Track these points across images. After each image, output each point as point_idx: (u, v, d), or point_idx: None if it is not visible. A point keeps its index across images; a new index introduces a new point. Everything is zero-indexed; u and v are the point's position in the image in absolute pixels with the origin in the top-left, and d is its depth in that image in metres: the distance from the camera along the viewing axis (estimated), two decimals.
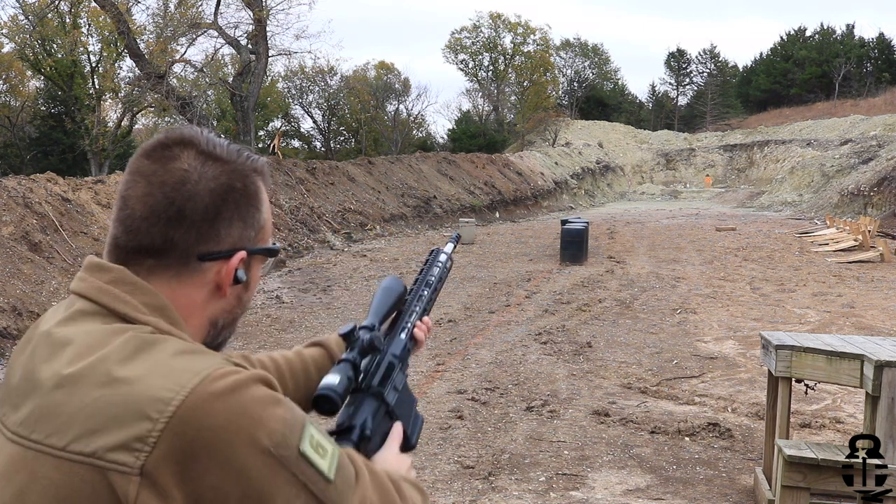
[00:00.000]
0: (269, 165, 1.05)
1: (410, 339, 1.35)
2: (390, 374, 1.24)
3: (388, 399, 1.20)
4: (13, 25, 31.04)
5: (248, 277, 1.02)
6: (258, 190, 1.01)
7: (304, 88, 54.15)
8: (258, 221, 1.01)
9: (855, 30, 69.51)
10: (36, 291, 9.62)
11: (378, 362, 1.24)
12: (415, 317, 1.38)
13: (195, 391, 0.82)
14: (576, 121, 61.50)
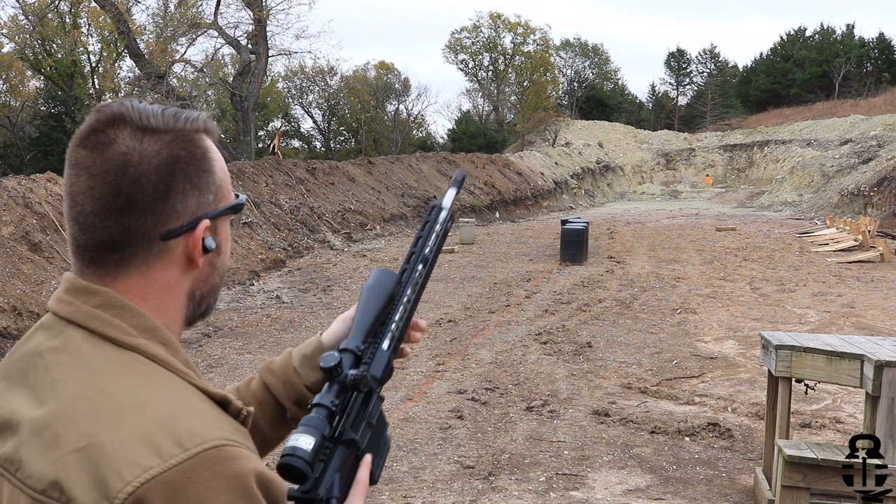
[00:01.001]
0: (210, 120, 0.97)
1: (395, 351, 1.19)
2: (367, 406, 1.12)
3: (361, 443, 1.09)
4: (13, 25, 31.03)
5: (218, 241, 0.96)
6: (205, 151, 0.94)
7: (304, 88, 54.19)
8: (213, 183, 0.94)
9: (855, 30, 69.56)
10: (36, 291, 9.62)
11: (356, 396, 1.11)
12: (402, 320, 1.22)
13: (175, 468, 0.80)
14: (576, 121, 61.49)
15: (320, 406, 1.04)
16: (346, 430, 1.07)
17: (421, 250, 1.32)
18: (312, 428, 1.01)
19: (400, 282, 1.24)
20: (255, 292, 12.38)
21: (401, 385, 7.03)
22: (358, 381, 1.07)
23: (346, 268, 15.34)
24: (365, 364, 1.15)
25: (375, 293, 1.20)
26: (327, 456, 1.04)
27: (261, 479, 0.83)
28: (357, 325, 1.17)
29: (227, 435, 0.84)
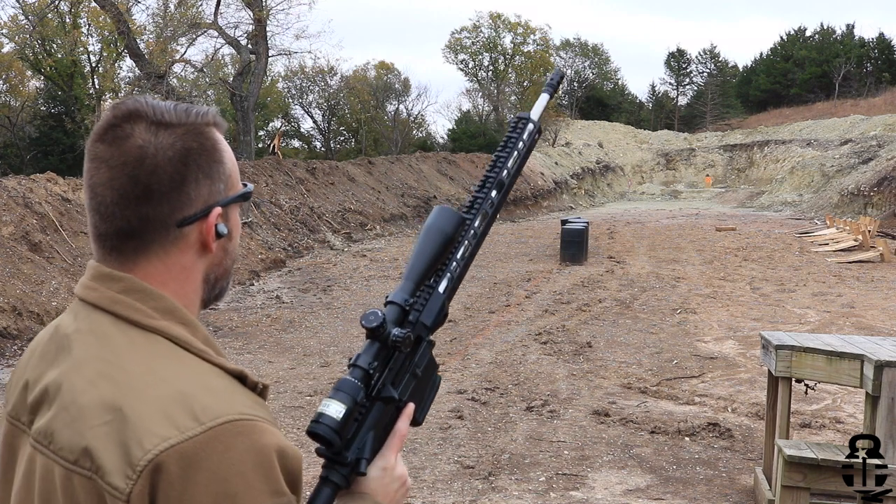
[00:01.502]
0: (219, 115, 1.04)
1: (452, 292, 1.18)
2: (413, 357, 1.10)
3: (402, 397, 1.09)
4: (13, 25, 31.02)
5: (229, 227, 1.02)
6: (215, 142, 1.01)
7: (304, 88, 54.14)
8: (223, 173, 1.01)
9: (855, 30, 69.52)
10: (36, 291, 9.62)
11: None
12: (464, 258, 1.19)
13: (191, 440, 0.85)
14: (576, 121, 61.49)
15: (356, 367, 1.04)
16: (385, 387, 1.06)
17: (498, 174, 1.22)
18: (344, 394, 1.01)
19: (462, 223, 1.16)
20: (255, 292, 12.38)
21: None
22: (400, 342, 1.05)
23: (346, 268, 15.33)
24: (416, 311, 1.12)
25: (431, 237, 1.14)
26: (362, 415, 1.04)
27: (280, 454, 0.88)
28: (408, 273, 1.13)
29: (242, 409, 0.89)
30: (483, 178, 1.21)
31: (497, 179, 1.22)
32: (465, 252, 1.18)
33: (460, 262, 1.18)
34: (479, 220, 1.20)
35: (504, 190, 1.22)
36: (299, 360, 8.07)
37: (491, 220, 1.22)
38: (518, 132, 1.25)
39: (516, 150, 1.24)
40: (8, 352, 8.41)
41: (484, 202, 1.20)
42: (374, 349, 1.04)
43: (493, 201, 1.21)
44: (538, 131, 1.28)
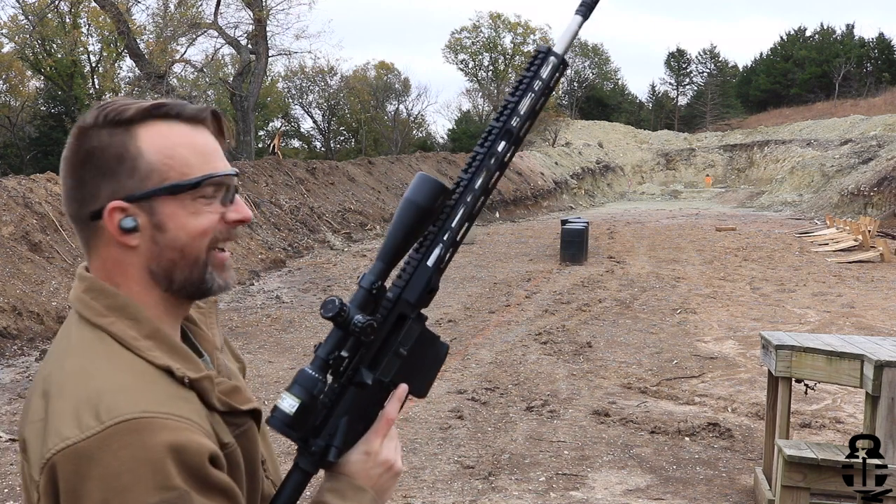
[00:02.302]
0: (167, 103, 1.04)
1: (442, 265, 1.08)
2: (395, 336, 1.06)
3: (380, 379, 1.05)
4: (13, 25, 31.03)
5: (158, 220, 1.01)
6: (127, 139, 1.01)
7: (304, 88, 54.17)
8: (132, 168, 1.00)
9: (855, 30, 69.55)
10: (36, 291, 9.62)
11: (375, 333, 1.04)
12: (459, 223, 1.08)
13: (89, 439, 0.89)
14: (576, 121, 61.49)
15: (315, 357, 1.02)
16: (358, 372, 1.03)
17: (506, 122, 1.05)
18: (299, 387, 0.99)
19: (442, 192, 1.05)
20: (255, 292, 12.38)
21: None
22: (360, 330, 1.01)
23: (346, 268, 15.33)
24: (397, 287, 1.07)
25: (403, 211, 1.07)
26: (332, 402, 1.02)
27: (174, 449, 0.89)
28: (379, 252, 1.08)
29: (147, 406, 0.91)
30: (488, 129, 1.06)
31: (504, 128, 1.05)
32: (460, 218, 1.07)
33: (453, 229, 1.07)
34: (480, 179, 1.05)
35: (513, 139, 1.05)
36: (299, 360, 8.07)
37: (497, 175, 1.06)
38: (534, 69, 1.05)
39: (531, 90, 1.05)
40: (8, 352, 8.40)
41: (485, 158, 1.06)
42: (336, 337, 1.03)
43: (497, 155, 1.05)
44: (563, 66, 1.06)
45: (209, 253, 1.05)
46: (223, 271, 1.07)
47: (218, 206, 1.04)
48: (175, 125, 1.03)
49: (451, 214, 1.06)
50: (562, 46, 1.07)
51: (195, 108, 1.06)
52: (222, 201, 1.05)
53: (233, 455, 1.01)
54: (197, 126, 1.05)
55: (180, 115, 1.04)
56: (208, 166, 1.03)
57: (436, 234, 1.07)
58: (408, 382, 1.09)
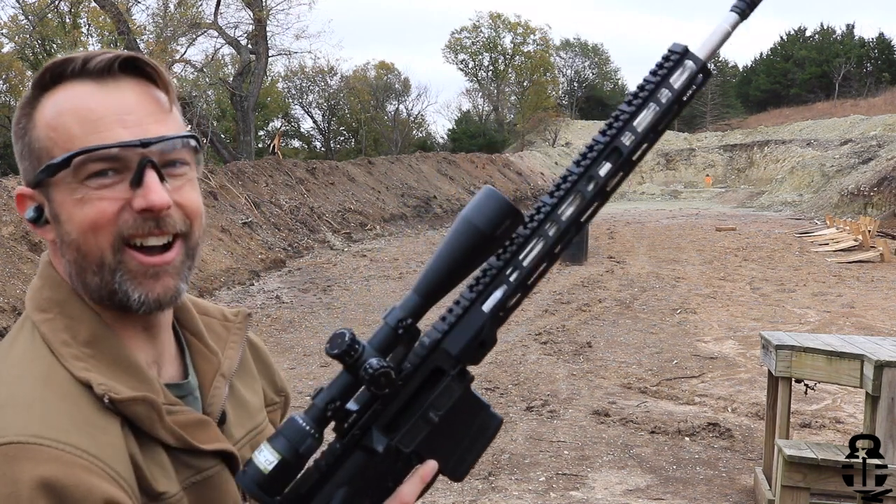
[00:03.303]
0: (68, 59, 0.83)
1: (500, 315, 0.81)
2: (424, 398, 0.81)
3: (397, 448, 0.81)
4: (13, 25, 31.04)
5: (53, 210, 0.83)
6: (24, 115, 0.84)
7: (304, 88, 54.15)
8: (28, 148, 0.84)
9: (855, 30, 69.50)
10: None
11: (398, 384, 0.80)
12: (532, 261, 0.80)
13: None
14: (576, 121, 61.47)
15: (312, 405, 0.79)
16: (368, 433, 0.80)
17: (614, 138, 0.82)
18: (283, 439, 0.77)
19: (511, 215, 0.78)
20: (255, 292, 12.38)
21: None
22: (371, 378, 0.76)
23: (346, 268, 15.33)
24: (437, 331, 0.81)
25: (457, 233, 0.79)
26: (329, 465, 0.80)
27: (49, 488, 0.71)
28: (417, 282, 0.80)
29: (40, 431, 0.74)
30: (590, 144, 0.83)
31: (610, 145, 0.81)
32: (537, 255, 0.80)
33: (524, 268, 0.80)
34: (570, 207, 0.81)
35: (622, 162, 0.82)
36: (299, 360, 8.07)
37: (595, 206, 0.83)
38: (663, 74, 0.80)
39: (654, 101, 0.80)
40: None
41: (580, 180, 0.81)
42: (342, 382, 0.79)
43: (598, 180, 0.81)
44: (704, 76, 0.81)
45: (119, 254, 0.82)
46: (143, 280, 0.82)
47: (122, 189, 0.81)
48: (79, 86, 0.82)
49: (523, 247, 0.80)
50: (706, 50, 0.82)
51: (101, 59, 0.82)
52: (132, 183, 0.81)
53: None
54: (107, 81, 0.82)
55: (81, 71, 0.82)
56: (94, 137, 0.80)
57: (499, 270, 0.81)
58: (438, 458, 0.83)
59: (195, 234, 0.87)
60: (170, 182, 0.83)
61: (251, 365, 1.04)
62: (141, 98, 0.83)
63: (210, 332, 0.97)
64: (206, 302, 1.03)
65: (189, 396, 0.91)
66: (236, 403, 0.97)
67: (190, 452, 0.85)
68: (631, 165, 0.83)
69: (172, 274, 0.84)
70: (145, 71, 0.84)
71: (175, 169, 0.84)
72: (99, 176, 0.80)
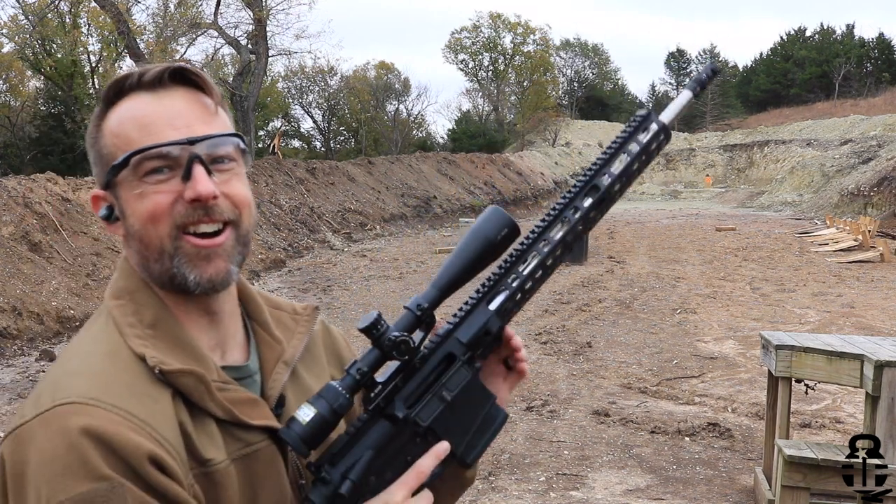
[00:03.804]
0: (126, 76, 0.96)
1: (505, 314, 1.01)
2: (436, 377, 0.96)
3: (415, 420, 0.95)
4: (13, 25, 31.04)
5: (121, 207, 0.94)
6: (95, 126, 0.97)
7: (304, 88, 54.15)
8: (99, 155, 0.96)
9: (855, 30, 69.56)
10: (36, 291, 9.62)
11: (415, 364, 0.96)
12: (532, 273, 1.00)
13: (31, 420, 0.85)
14: (576, 121, 61.48)
15: (346, 375, 0.93)
16: (391, 403, 0.94)
17: (593, 176, 0.99)
18: (321, 398, 0.91)
19: (514, 229, 0.98)
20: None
21: None
22: (391, 345, 0.92)
23: (346, 268, 15.33)
24: (449, 324, 0.99)
25: (470, 240, 0.99)
26: (357, 430, 0.93)
27: (94, 436, 0.81)
28: (435, 278, 1.00)
29: (98, 395, 0.84)
30: (574, 183, 1.00)
31: (591, 183, 0.98)
32: (535, 266, 0.99)
33: (523, 276, 0.99)
34: (560, 231, 0.98)
35: (600, 197, 0.98)
36: None
37: (578, 231, 0.99)
38: (631, 130, 1.00)
39: (625, 152, 0.99)
40: (8, 352, 8.41)
41: (565, 209, 0.98)
42: (371, 356, 0.94)
43: (581, 210, 0.98)
44: (665, 135, 1.01)
45: (176, 241, 0.92)
46: (197, 262, 0.93)
47: (175, 184, 0.92)
48: (137, 97, 0.94)
49: (521, 259, 0.99)
50: (667, 116, 1.02)
51: (154, 72, 0.94)
52: (182, 178, 0.91)
53: (218, 475, 0.90)
54: (159, 91, 0.94)
55: (138, 84, 0.94)
56: (147, 138, 0.91)
57: (501, 276, 1.00)
58: (451, 439, 0.97)
59: (244, 222, 0.96)
60: (217, 176, 0.93)
61: (321, 354, 1.13)
62: (189, 103, 0.94)
63: (279, 324, 1.07)
64: (279, 298, 1.13)
65: (248, 379, 1.00)
66: (298, 389, 1.04)
67: (239, 426, 0.93)
68: (608, 200, 1.00)
69: (223, 257, 0.94)
70: (192, 80, 0.95)
71: (222, 165, 0.94)
72: (155, 173, 0.91)
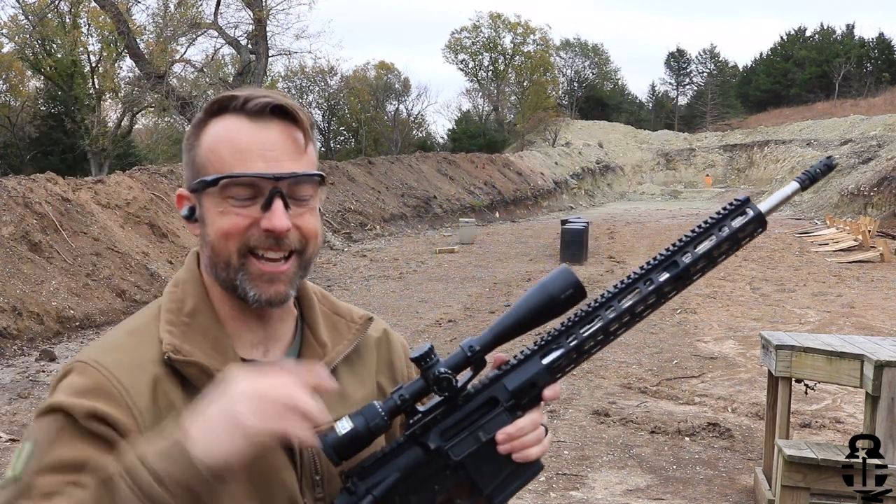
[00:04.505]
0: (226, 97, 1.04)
1: (556, 370, 1.00)
2: (476, 417, 0.98)
3: (447, 453, 0.97)
4: (13, 25, 31.04)
5: (200, 213, 1.04)
6: (193, 133, 1.06)
7: (304, 88, 54.11)
8: (191, 161, 1.05)
9: (855, 30, 69.54)
10: (36, 291, 9.62)
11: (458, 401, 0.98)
12: (591, 336, 0.99)
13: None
14: (576, 121, 61.46)
15: (389, 398, 0.97)
16: (427, 433, 0.97)
17: (675, 253, 0.97)
18: (361, 416, 0.95)
19: (579, 290, 1.00)
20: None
21: None
22: (438, 379, 0.96)
23: (346, 268, 15.34)
24: (500, 370, 1.01)
25: (533, 293, 1.01)
26: (391, 451, 0.97)
27: (72, 383, 0.98)
28: (493, 324, 1.02)
29: (98, 357, 1.01)
30: (656, 256, 0.99)
31: (671, 259, 0.96)
32: (597, 329, 0.97)
33: (581, 337, 0.98)
34: (629, 300, 0.97)
35: (677, 274, 0.95)
36: None
37: (648, 304, 0.97)
38: (724, 214, 0.97)
39: (714, 234, 0.96)
40: (8, 352, 8.40)
41: (639, 280, 0.97)
42: (416, 385, 0.97)
43: (656, 284, 0.96)
44: (760, 225, 0.97)
45: (243, 258, 1.01)
46: (260, 283, 1.02)
47: (255, 210, 1.00)
48: (237, 120, 1.02)
49: (583, 321, 0.98)
50: (766, 205, 0.98)
51: (257, 101, 1.01)
52: (262, 207, 1.00)
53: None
54: (259, 121, 1.01)
55: (242, 108, 1.02)
56: (240, 165, 1.00)
57: (560, 334, 0.99)
58: (481, 478, 0.99)
59: (309, 251, 1.05)
60: (293, 209, 1.01)
61: (371, 362, 1.19)
62: (283, 138, 1.02)
63: (333, 328, 1.15)
64: (343, 304, 1.21)
65: None
66: (334, 392, 1.06)
67: None
68: (686, 280, 0.98)
69: (285, 281, 1.03)
70: (290, 114, 1.02)
71: (300, 199, 1.03)
72: (239, 196, 1.00)
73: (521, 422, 1.01)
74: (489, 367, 1.04)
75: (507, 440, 0.99)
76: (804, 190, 0.97)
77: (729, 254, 0.97)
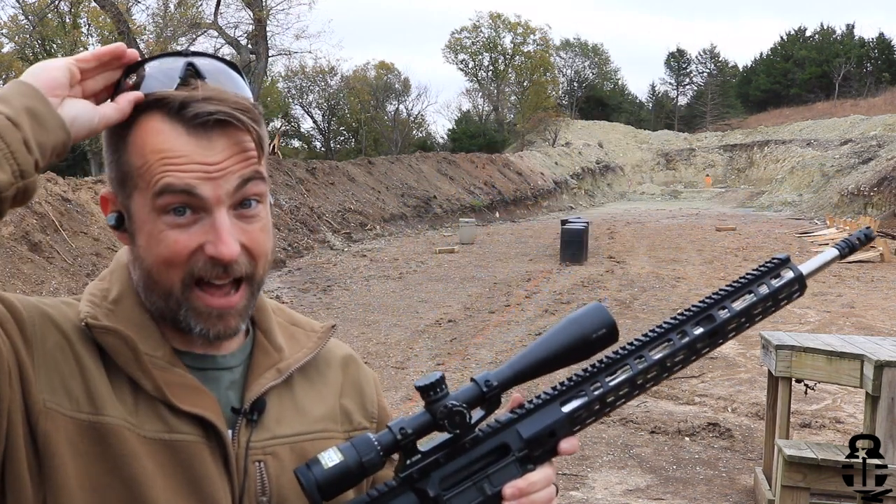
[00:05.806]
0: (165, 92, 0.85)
1: (576, 421, 0.88)
2: (483, 465, 0.86)
3: (447, 503, 0.84)
4: (13, 25, 31.06)
5: (132, 227, 0.88)
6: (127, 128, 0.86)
7: (304, 88, 54.15)
8: (118, 158, 0.88)
9: (855, 30, 69.58)
10: (36, 291, 9.62)
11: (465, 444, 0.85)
12: (618, 386, 0.89)
13: None
14: (576, 121, 61.46)
15: (386, 430, 0.84)
16: (425, 478, 0.84)
17: (711, 307, 0.91)
18: (352, 449, 0.82)
19: (612, 332, 0.89)
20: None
21: (401, 385, 7.03)
22: (450, 414, 0.83)
23: (346, 268, 15.34)
24: (514, 413, 0.88)
25: (564, 327, 0.88)
26: (380, 495, 0.84)
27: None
28: (513, 358, 0.89)
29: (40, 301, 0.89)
30: (689, 307, 0.92)
31: (706, 312, 0.91)
32: (623, 380, 0.88)
33: (607, 386, 0.88)
34: (660, 352, 0.90)
35: (712, 329, 0.91)
36: None
37: (679, 358, 0.92)
38: (766, 270, 0.92)
39: (752, 291, 0.91)
40: None
41: (671, 331, 0.90)
42: (420, 419, 0.84)
43: (690, 337, 0.91)
44: (800, 287, 0.94)
45: (188, 291, 0.86)
46: (207, 319, 0.87)
47: (197, 232, 0.85)
48: (173, 127, 0.85)
49: (609, 368, 0.88)
50: (807, 268, 0.94)
51: (197, 111, 0.84)
52: (204, 228, 0.85)
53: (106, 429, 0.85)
54: (199, 135, 0.85)
55: (178, 114, 0.85)
56: (174, 174, 0.83)
57: (584, 379, 0.88)
58: None
59: (258, 273, 0.90)
60: (241, 223, 0.87)
61: (335, 380, 1.05)
62: (230, 152, 0.85)
63: (290, 337, 1.02)
64: (302, 317, 1.08)
65: (213, 371, 0.94)
66: (290, 403, 0.98)
67: (169, 409, 0.87)
68: (721, 336, 0.93)
69: (234, 315, 0.89)
70: (238, 124, 0.86)
71: (248, 210, 0.88)
72: (175, 213, 0.85)
73: (533, 476, 0.87)
74: (503, 407, 0.91)
75: (515, 496, 0.85)
76: (843, 259, 0.96)
77: (764, 315, 0.93)
